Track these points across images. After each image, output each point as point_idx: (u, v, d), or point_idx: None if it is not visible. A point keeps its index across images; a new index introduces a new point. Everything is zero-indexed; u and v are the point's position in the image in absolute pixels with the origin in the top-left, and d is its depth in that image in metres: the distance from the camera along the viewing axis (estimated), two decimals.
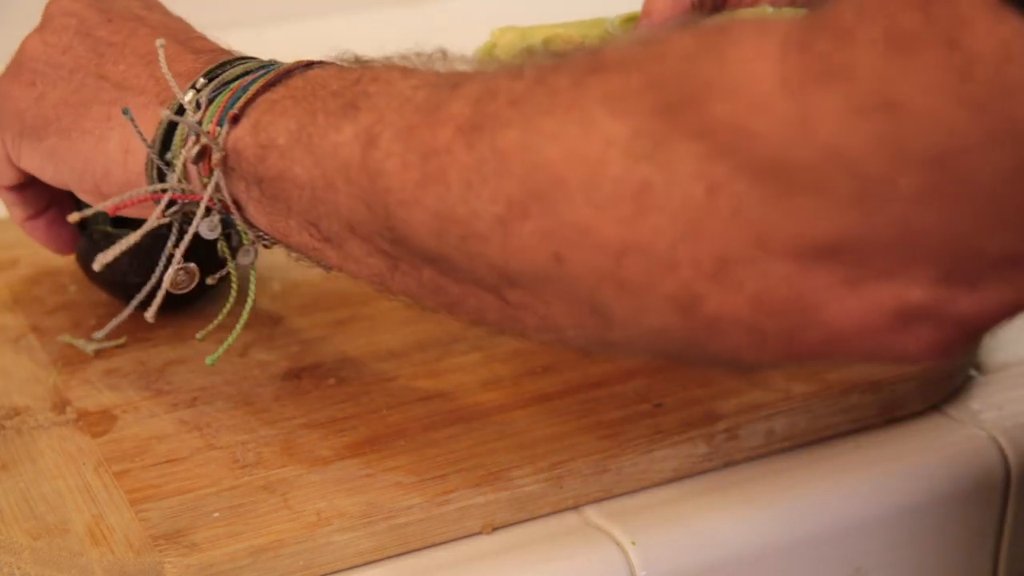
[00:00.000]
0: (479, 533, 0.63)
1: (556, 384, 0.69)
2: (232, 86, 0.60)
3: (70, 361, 0.72)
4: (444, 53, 0.59)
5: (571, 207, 0.48)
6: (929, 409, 0.71)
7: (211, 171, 0.60)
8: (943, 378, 0.72)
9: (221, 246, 0.64)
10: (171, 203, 0.61)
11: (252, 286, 0.65)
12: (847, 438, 0.69)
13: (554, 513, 0.64)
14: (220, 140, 0.59)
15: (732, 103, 0.44)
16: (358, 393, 0.69)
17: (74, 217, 0.62)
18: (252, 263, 0.64)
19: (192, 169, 0.60)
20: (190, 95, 0.61)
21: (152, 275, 0.65)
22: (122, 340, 0.73)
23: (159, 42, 0.63)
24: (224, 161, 0.59)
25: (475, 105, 0.51)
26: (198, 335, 0.68)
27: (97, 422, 0.67)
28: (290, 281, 0.73)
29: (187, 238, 0.62)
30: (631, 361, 0.70)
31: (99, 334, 0.70)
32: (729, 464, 0.67)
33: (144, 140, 0.61)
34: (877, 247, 0.43)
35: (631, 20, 0.72)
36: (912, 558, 0.69)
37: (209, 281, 0.65)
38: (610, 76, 0.48)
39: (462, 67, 0.57)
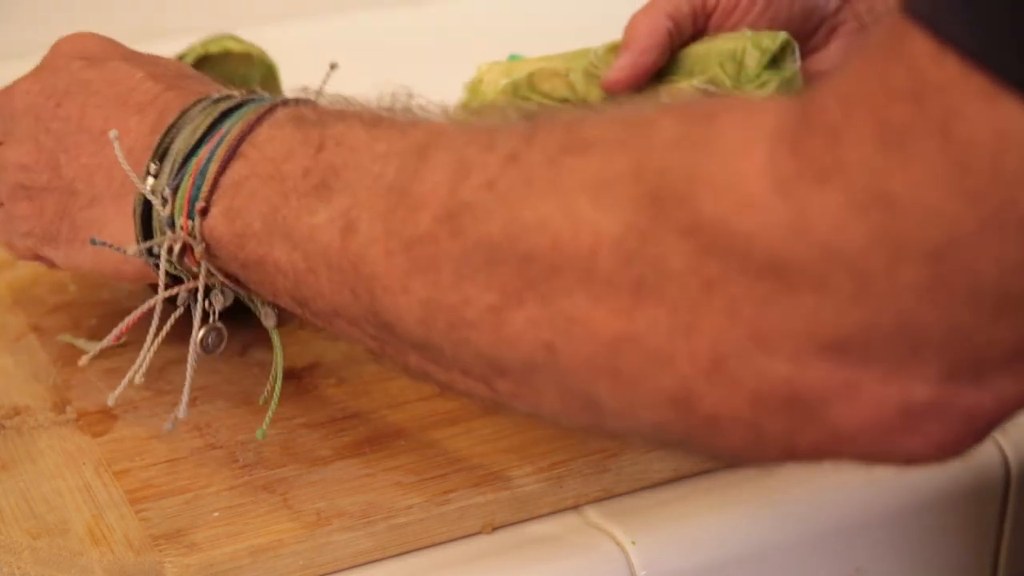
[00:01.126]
0: (479, 533, 0.63)
1: None
2: (190, 171, 0.60)
3: (70, 361, 0.72)
4: (409, 93, 0.58)
5: (567, 297, 0.47)
6: None
7: (198, 262, 0.60)
8: None
9: (257, 306, 0.64)
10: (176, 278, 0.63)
11: (277, 345, 0.65)
12: None
13: (554, 513, 0.64)
14: (195, 233, 0.59)
15: (722, 202, 0.43)
16: (358, 393, 0.69)
17: (83, 361, 0.64)
18: (275, 325, 0.64)
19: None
20: (150, 183, 0.61)
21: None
22: (122, 340, 0.73)
23: (112, 134, 0.62)
24: (207, 250, 0.60)
25: (449, 186, 0.50)
26: (261, 401, 0.68)
27: (97, 422, 0.67)
28: None
29: (197, 316, 0.63)
30: None
31: (95, 348, 0.70)
32: (729, 464, 0.67)
33: (131, 250, 0.62)
34: (879, 344, 0.42)
35: (613, 50, 0.72)
36: (912, 558, 0.69)
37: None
38: (591, 159, 0.47)
39: (426, 113, 0.56)
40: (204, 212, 0.59)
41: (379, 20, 1.21)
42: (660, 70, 0.73)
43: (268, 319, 0.64)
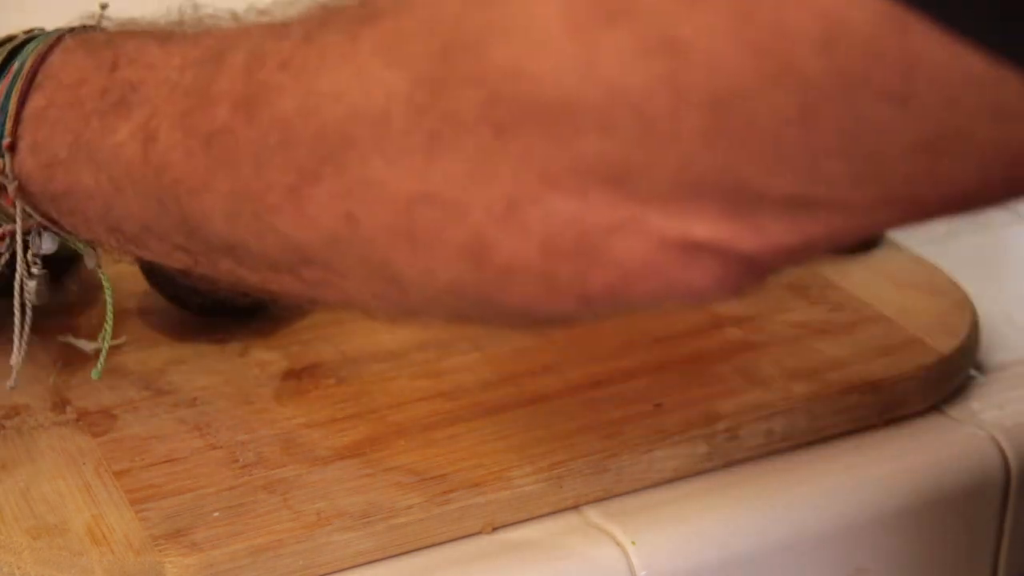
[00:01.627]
0: (479, 533, 0.63)
1: (556, 384, 0.69)
2: None
3: (70, 361, 0.72)
4: (195, 4, 0.58)
5: (362, 165, 0.47)
6: (929, 409, 0.71)
7: (13, 203, 0.60)
8: (943, 378, 0.72)
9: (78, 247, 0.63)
10: None
11: (107, 285, 0.65)
12: (847, 438, 0.69)
13: (554, 513, 0.64)
14: (8, 172, 0.58)
15: (513, 46, 0.43)
16: (358, 393, 0.69)
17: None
18: (97, 264, 0.64)
19: None
20: None
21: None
22: (122, 340, 0.73)
23: None
24: (20, 189, 0.59)
25: (244, 76, 0.50)
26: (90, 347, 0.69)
27: (97, 422, 0.67)
28: None
29: (21, 262, 0.62)
30: (631, 361, 0.70)
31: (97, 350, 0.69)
32: (729, 464, 0.67)
33: None
34: (661, 183, 0.43)
35: None
36: (912, 558, 0.69)
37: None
38: (383, 24, 0.47)
39: (217, 22, 0.56)
40: (12, 148, 0.58)
41: None
42: None
43: (90, 259, 0.63)
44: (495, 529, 0.63)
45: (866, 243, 0.83)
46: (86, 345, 0.72)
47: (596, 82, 0.42)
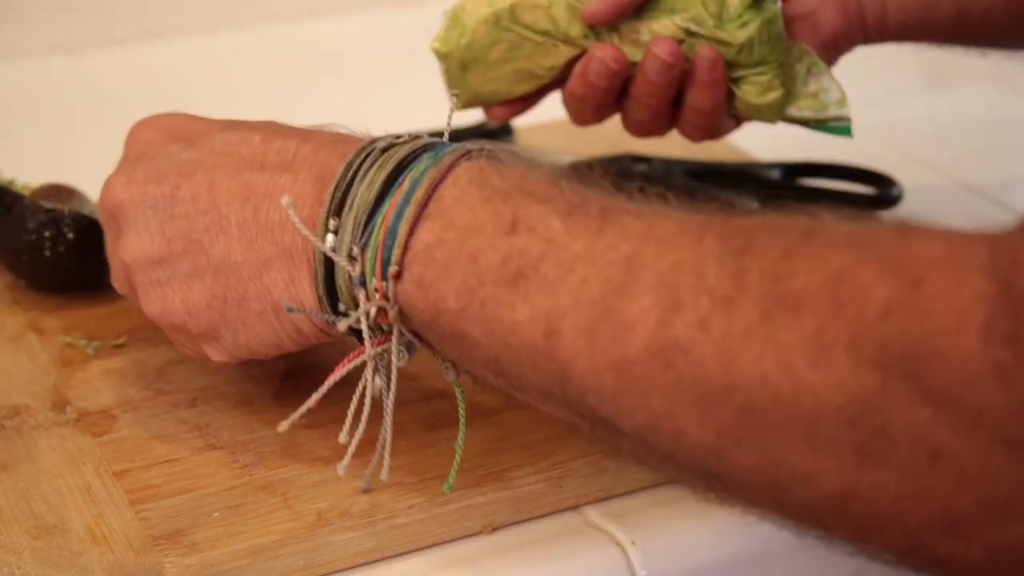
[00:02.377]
0: (479, 533, 0.63)
1: None
2: (377, 230, 0.58)
3: (70, 361, 0.72)
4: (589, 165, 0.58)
5: (789, 449, 0.48)
6: None
7: (388, 321, 0.59)
8: None
9: (454, 380, 0.62)
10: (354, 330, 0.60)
11: (461, 398, 0.62)
12: None
13: (554, 513, 0.64)
14: (390, 296, 0.58)
15: (945, 378, 0.45)
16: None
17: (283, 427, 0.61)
18: (456, 380, 0.62)
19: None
20: (330, 241, 0.59)
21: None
22: (122, 340, 0.73)
23: (284, 201, 0.59)
24: (400, 315, 0.58)
25: (659, 317, 0.50)
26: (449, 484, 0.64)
27: (97, 422, 0.67)
28: None
29: (394, 378, 0.61)
30: None
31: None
32: None
33: (319, 315, 0.60)
34: None
35: None
36: None
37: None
38: (804, 320, 0.47)
39: (611, 201, 0.55)
40: (398, 276, 0.57)
41: (379, 21, 1.21)
42: (641, 5, 0.73)
43: (449, 374, 0.61)
44: (495, 529, 0.63)
45: None
46: (86, 345, 0.73)
47: None
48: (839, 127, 0.76)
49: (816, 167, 0.89)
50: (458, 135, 0.63)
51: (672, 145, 0.92)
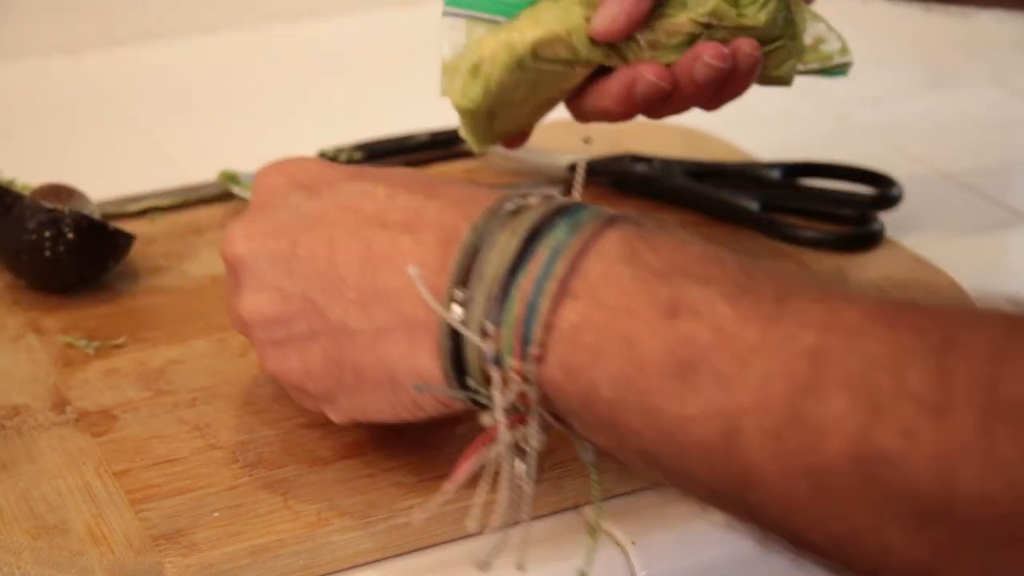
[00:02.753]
0: (479, 533, 0.63)
1: None
2: (513, 306, 0.53)
3: (70, 361, 0.72)
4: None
5: (1018, 570, 0.45)
6: None
7: (528, 406, 0.55)
8: None
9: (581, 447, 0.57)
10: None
11: (595, 482, 0.59)
12: None
13: (554, 513, 0.64)
14: (530, 378, 0.53)
15: None
16: None
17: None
18: (593, 461, 0.58)
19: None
20: (457, 312, 0.54)
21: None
22: (122, 340, 0.73)
23: (412, 271, 0.55)
24: (543, 398, 0.54)
25: (858, 424, 0.46)
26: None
27: (97, 422, 0.67)
28: None
29: (532, 463, 0.56)
30: None
31: None
32: None
33: (453, 394, 0.57)
34: None
35: None
36: None
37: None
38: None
39: (783, 280, 0.51)
40: (541, 358, 0.53)
41: (378, 21, 1.21)
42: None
43: (587, 454, 0.57)
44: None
45: (867, 240, 0.83)
46: (87, 345, 0.73)
47: None
48: (839, 71, 0.75)
49: (816, 167, 0.89)
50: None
51: (672, 145, 0.92)
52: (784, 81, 0.75)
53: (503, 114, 0.73)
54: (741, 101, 0.74)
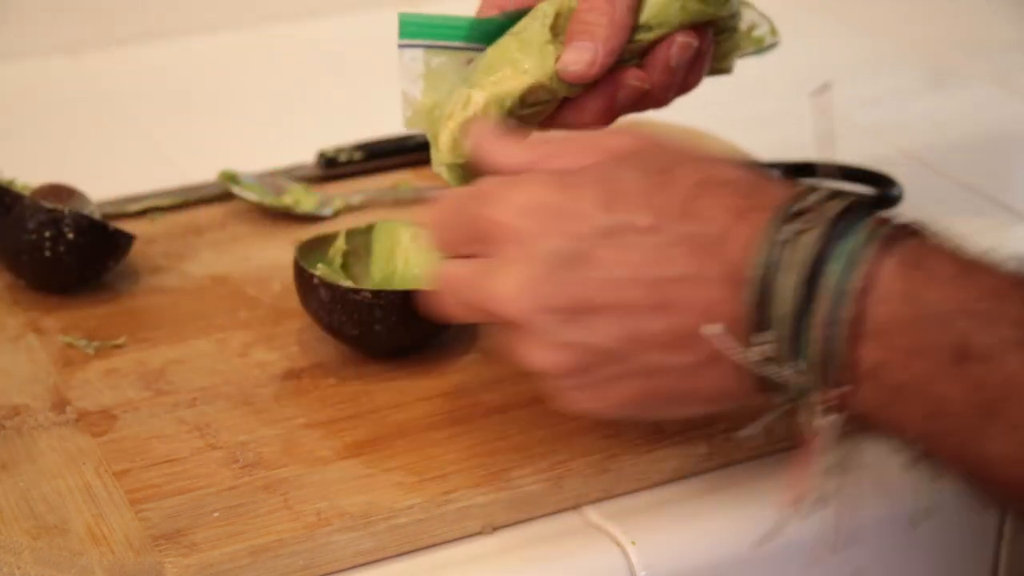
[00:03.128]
0: (479, 533, 0.63)
1: None
2: (808, 344, 0.55)
3: (70, 361, 0.72)
4: None
5: None
6: None
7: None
8: None
9: None
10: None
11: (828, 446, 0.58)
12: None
13: (554, 513, 0.64)
14: (846, 406, 0.56)
15: None
16: (358, 393, 0.69)
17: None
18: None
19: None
20: (757, 352, 0.56)
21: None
22: (122, 340, 0.73)
23: (709, 330, 0.56)
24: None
25: None
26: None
27: (97, 422, 0.67)
28: (290, 281, 0.73)
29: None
30: None
31: None
32: (729, 464, 0.67)
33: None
34: None
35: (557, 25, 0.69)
36: (913, 558, 0.69)
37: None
38: None
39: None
40: (850, 395, 0.55)
41: (379, 21, 1.21)
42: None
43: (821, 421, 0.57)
44: (495, 529, 0.63)
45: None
46: (87, 345, 0.73)
47: None
48: (768, 50, 0.76)
49: (816, 167, 0.89)
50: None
51: None
52: (727, 70, 0.75)
53: None
54: (741, 101, 0.74)
